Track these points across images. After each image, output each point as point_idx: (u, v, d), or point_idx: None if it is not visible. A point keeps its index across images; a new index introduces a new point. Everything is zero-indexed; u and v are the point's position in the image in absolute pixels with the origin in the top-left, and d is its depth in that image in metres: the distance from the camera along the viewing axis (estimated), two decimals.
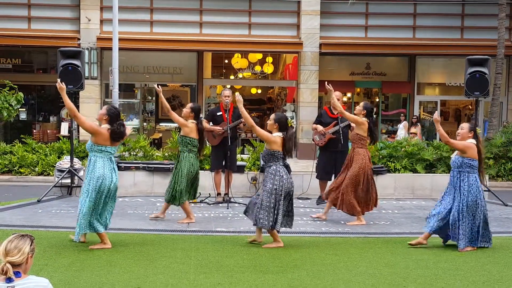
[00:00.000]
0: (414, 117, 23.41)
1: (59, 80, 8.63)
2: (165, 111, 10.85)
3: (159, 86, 10.63)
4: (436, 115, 9.04)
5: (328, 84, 11.21)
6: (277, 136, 8.72)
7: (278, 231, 8.73)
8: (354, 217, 10.75)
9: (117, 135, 8.41)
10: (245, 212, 9.03)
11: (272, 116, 8.90)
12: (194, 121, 10.38)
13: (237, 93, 9.07)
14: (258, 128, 8.71)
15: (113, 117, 8.43)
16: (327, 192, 10.91)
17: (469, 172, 8.72)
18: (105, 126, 8.38)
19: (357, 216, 10.61)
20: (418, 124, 22.81)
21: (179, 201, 10.24)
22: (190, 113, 10.41)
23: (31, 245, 4.25)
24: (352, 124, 11.01)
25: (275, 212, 8.56)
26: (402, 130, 22.30)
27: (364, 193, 10.60)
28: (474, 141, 8.79)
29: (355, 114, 10.84)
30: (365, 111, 10.73)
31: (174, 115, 10.41)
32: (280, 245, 8.67)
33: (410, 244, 8.85)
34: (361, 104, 10.95)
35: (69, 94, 14.14)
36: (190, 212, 10.46)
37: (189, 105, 10.59)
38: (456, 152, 8.92)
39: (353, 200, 10.49)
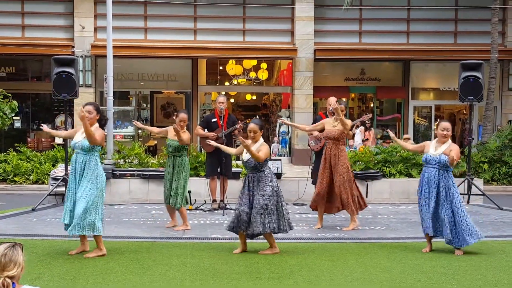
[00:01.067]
0: (367, 122, 23.36)
1: (81, 107, 8.30)
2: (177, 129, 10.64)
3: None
4: (455, 154, 8.68)
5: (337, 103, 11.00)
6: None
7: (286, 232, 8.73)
8: (348, 222, 10.77)
9: (104, 123, 8.61)
10: (237, 229, 8.66)
11: (254, 127, 8.64)
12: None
13: (240, 139, 8.69)
14: (262, 156, 8.58)
15: (99, 111, 8.54)
16: (316, 201, 10.80)
17: (452, 170, 8.96)
18: (97, 125, 8.42)
19: (352, 217, 10.59)
20: (372, 129, 22.73)
21: (182, 203, 10.31)
22: (186, 122, 10.49)
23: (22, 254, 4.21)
24: (340, 127, 10.78)
25: (280, 214, 8.55)
26: (358, 135, 22.17)
27: (355, 189, 10.67)
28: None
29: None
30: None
31: (188, 137, 10.37)
32: (276, 251, 8.64)
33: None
34: (338, 102, 10.78)
35: (63, 102, 14.18)
36: (187, 219, 10.46)
37: (185, 116, 10.46)
38: (441, 151, 8.87)
39: (350, 197, 10.51)
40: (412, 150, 10.04)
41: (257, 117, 23.15)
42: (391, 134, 9.86)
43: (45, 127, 9.20)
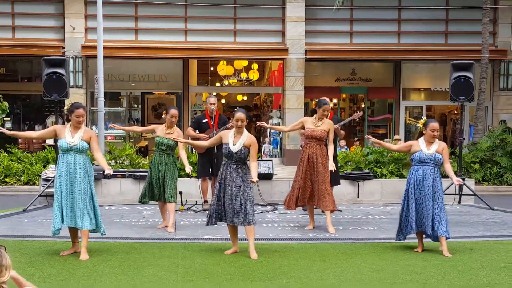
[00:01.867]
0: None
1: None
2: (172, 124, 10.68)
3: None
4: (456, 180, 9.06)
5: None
6: None
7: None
8: (337, 222, 10.76)
9: None
10: (214, 221, 8.73)
11: (242, 115, 8.60)
12: None
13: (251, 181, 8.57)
14: (256, 159, 8.68)
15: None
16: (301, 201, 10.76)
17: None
18: (85, 127, 8.61)
19: (329, 213, 10.60)
20: None
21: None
22: (177, 118, 10.63)
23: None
24: (326, 129, 10.77)
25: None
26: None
27: None
28: None
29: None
30: None
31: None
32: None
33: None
34: (322, 102, 10.69)
35: (54, 103, 14.14)
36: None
37: (176, 112, 10.55)
38: (434, 149, 8.96)
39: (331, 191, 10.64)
40: (397, 150, 10.04)
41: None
42: (373, 139, 9.81)
43: (6, 131, 9.08)
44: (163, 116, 10.76)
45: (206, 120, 12.50)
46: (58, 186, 8.39)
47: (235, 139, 8.60)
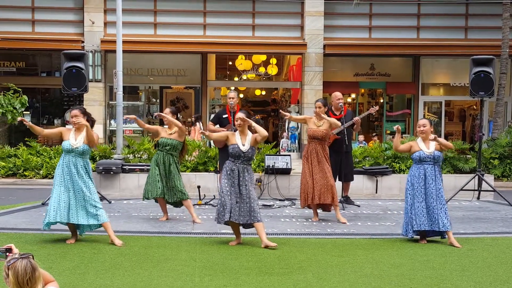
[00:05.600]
0: (193, 116, 22.18)
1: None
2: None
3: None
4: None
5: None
6: None
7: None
8: (356, 217, 10.75)
9: (92, 125, 8.89)
10: (234, 220, 8.74)
11: (241, 115, 8.87)
12: None
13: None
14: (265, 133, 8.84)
15: (86, 113, 8.85)
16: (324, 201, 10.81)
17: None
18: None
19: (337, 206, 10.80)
20: (197, 123, 21.24)
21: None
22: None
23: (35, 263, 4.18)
24: (337, 126, 11.07)
25: None
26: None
27: None
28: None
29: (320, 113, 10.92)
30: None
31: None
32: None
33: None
34: (322, 103, 11.16)
35: (73, 97, 14.21)
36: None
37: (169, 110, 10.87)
38: (433, 148, 9.11)
39: None
40: (401, 151, 9.93)
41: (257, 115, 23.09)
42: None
43: (27, 121, 9.13)
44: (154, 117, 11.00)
45: (226, 115, 12.50)
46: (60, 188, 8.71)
47: (242, 139, 8.80)
